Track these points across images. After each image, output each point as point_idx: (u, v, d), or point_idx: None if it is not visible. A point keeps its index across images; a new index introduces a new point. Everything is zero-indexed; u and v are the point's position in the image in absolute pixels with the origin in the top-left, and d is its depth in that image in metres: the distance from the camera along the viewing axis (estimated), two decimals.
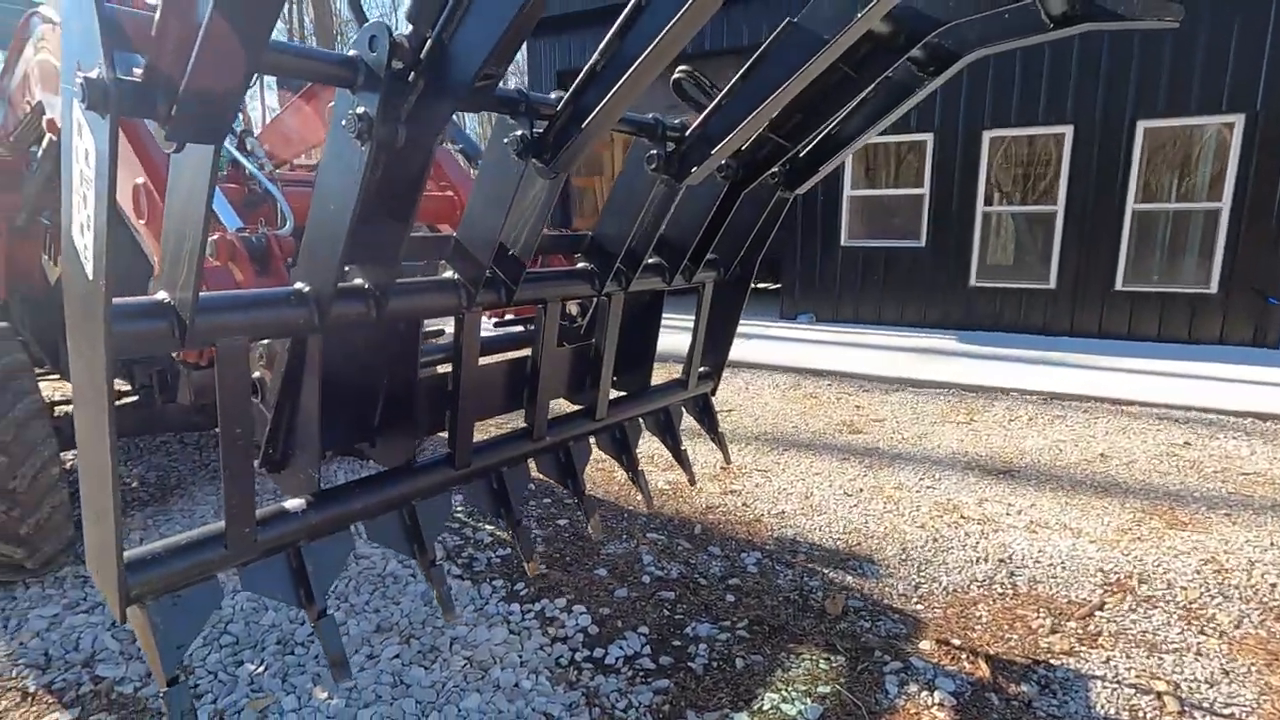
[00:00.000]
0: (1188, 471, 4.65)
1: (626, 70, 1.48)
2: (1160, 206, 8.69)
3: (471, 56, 1.22)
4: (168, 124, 1.00)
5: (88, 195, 1.07)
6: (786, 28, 1.80)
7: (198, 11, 0.91)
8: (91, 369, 1.18)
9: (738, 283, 2.98)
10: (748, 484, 4.47)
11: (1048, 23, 2.02)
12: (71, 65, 1.01)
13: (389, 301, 1.59)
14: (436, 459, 1.99)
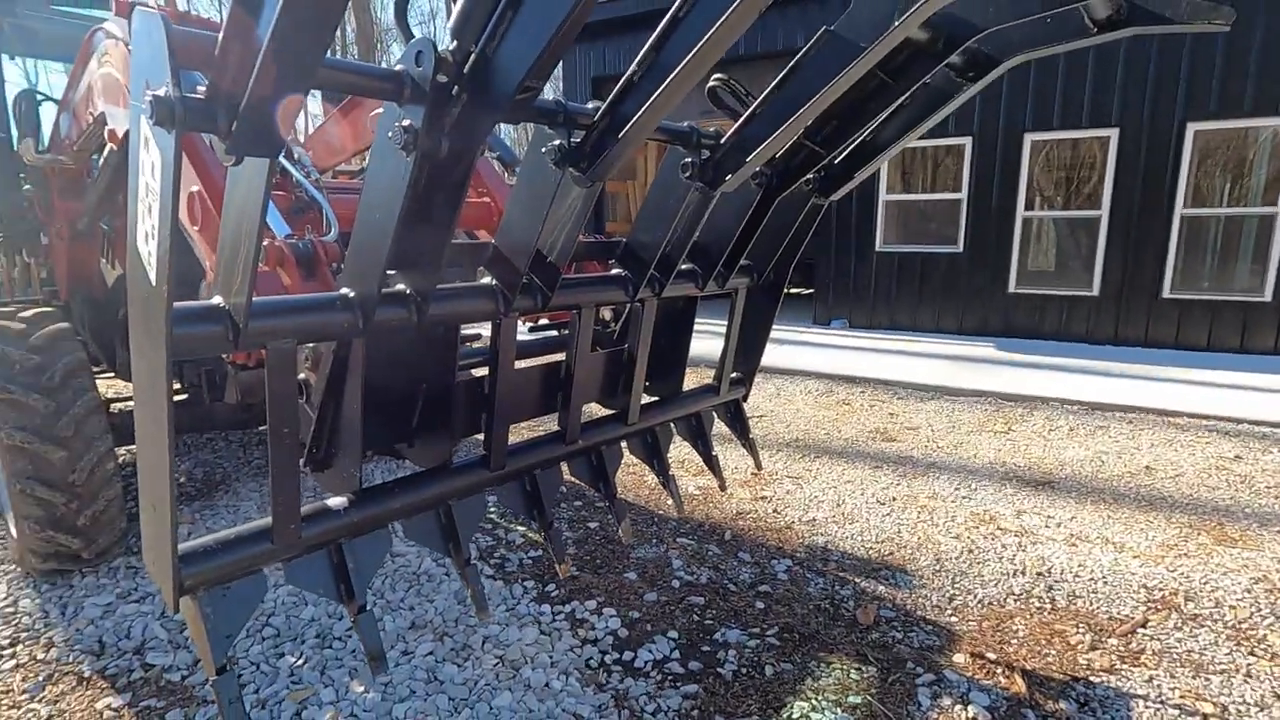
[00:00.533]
0: (1238, 486, 4.48)
1: (663, 81, 1.50)
2: (1211, 211, 8.40)
3: (513, 70, 1.25)
4: (228, 138, 1.05)
5: (152, 206, 1.13)
6: (823, 36, 1.81)
7: (258, 34, 0.95)
8: (152, 368, 1.24)
9: (771, 289, 2.98)
10: (779, 490, 4.45)
11: (1091, 27, 1.99)
12: (140, 83, 1.07)
13: (429, 306, 1.63)
14: (472, 460, 2.03)
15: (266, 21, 0.93)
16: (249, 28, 0.97)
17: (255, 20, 0.96)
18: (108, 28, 2.67)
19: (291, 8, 0.88)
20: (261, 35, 0.94)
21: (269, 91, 0.97)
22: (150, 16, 1.02)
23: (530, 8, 1.19)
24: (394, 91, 1.29)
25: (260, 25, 0.95)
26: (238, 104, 1.02)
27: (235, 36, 0.98)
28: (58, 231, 3.71)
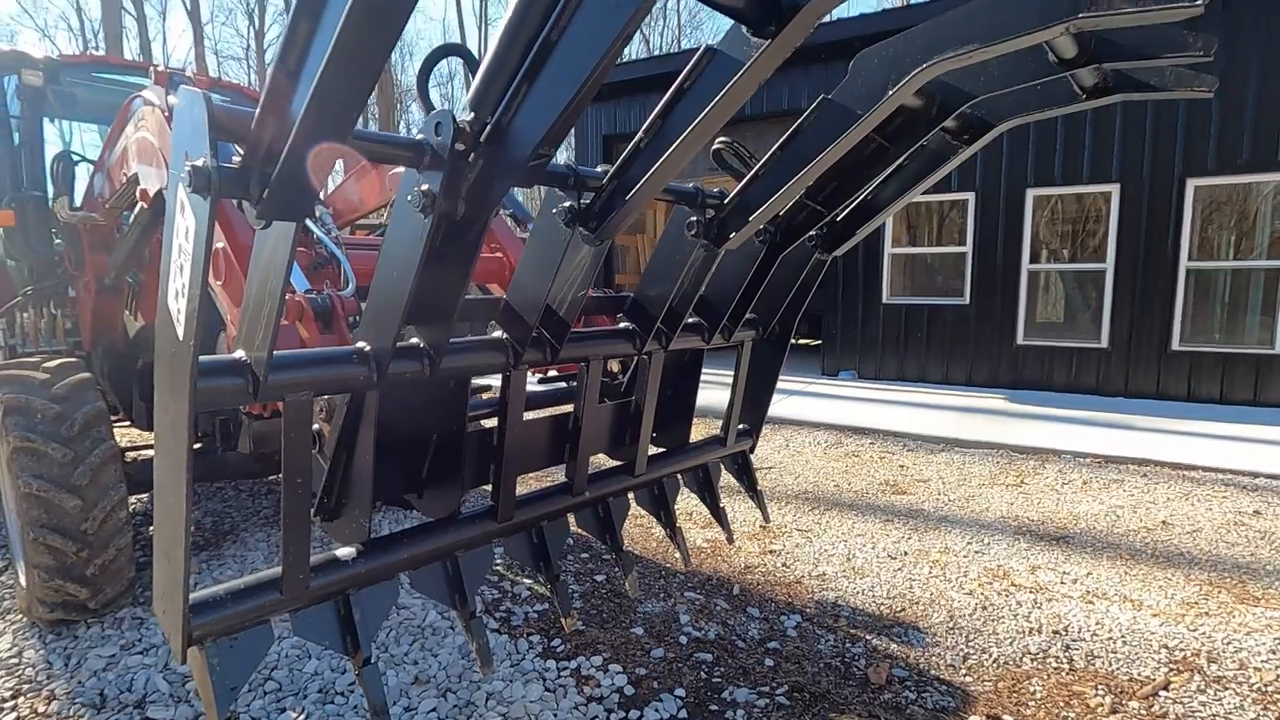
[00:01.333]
0: (1258, 543, 4.39)
1: (668, 148, 1.58)
2: (1217, 265, 8.45)
3: (527, 139, 1.33)
4: (258, 204, 1.12)
5: (184, 266, 1.20)
6: (821, 103, 1.90)
7: (291, 110, 1.03)
8: (174, 420, 1.29)
9: (776, 341, 3.02)
10: (788, 544, 4.40)
11: (1080, 94, 2.07)
12: (181, 153, 1.15)
13: (442, 360, 1.69)
14: (479, 511, 2.05)
15: (300, 100, 1.01)
16: (283, 105, 1.05)
17: (289, 98, 1.04)
18: (145, 95, 2.83)
19: (323, 91, 0.95)
20: (295, 112, 1.02)
21: (300, 162, 1.04)
22: (193, 94, 1.10)
23: (544, 84, 1.27)
24: (414, 159, 1.37)
25: (294, 103, 1.03)
26: (270, 173, 1.10)
27: (270, 111, 1.06)
28: (85, 284, 3.83)
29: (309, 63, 0.99)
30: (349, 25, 0.88)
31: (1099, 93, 2.05)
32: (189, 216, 1.16)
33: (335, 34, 0.89)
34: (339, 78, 0.94)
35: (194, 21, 31.49)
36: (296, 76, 1.02)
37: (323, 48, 0.95)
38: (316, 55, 0.97)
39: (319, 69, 0.94)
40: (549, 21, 1.21)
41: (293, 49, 1.00)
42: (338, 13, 0.91)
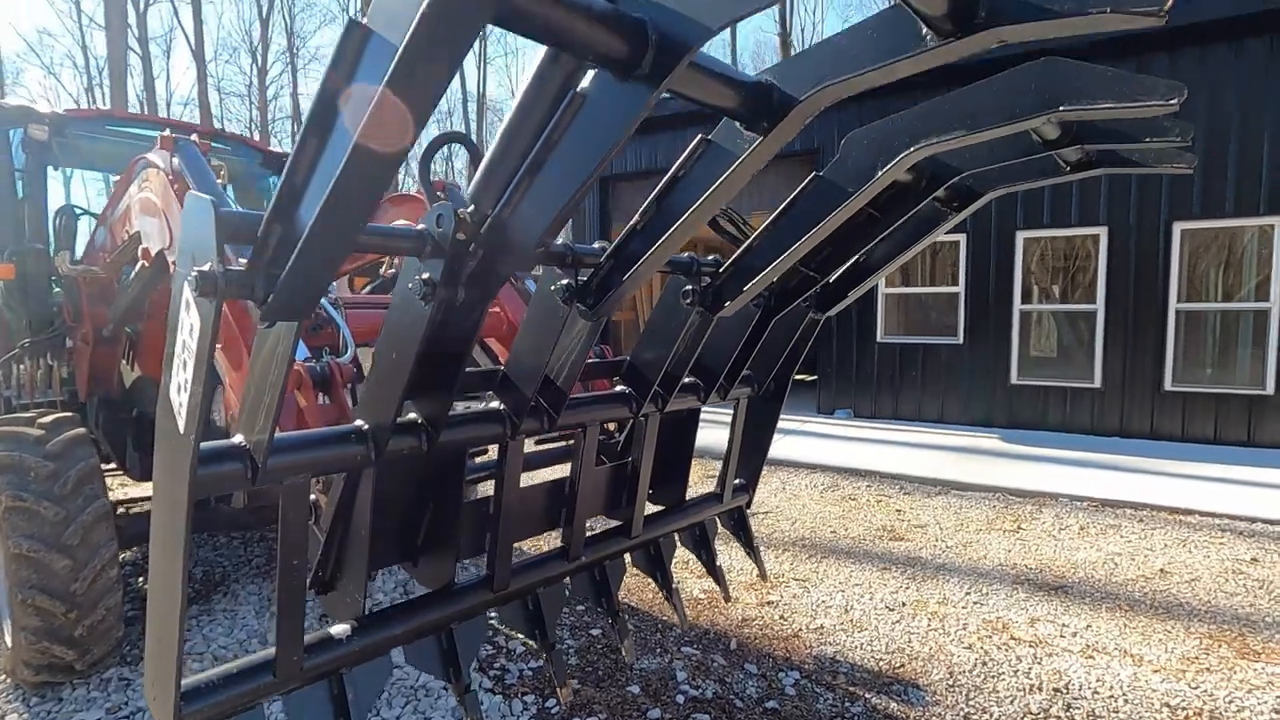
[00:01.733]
0: (1257, 592, 4.37)
1: (663, 231, 1.62)
2: (1206, 306, 8.56)
3: (527, 231, 1.36)
4: (263, 305, 1.14)
5: (188, 362, 1.21)
6: (813, 180, 1.95)
7: (299, 219, 1.06)
8: (172, 508, 1.29)
9: (772, 398, 3.05)
10: (785, 594, 4.36)
11: (1065, 167, 2.13)
12: (188, 256, 1.17)
13: (440, 435, 1.70)
14: (475, 581, 2.04)
15: (308, 210, 1.04)
16: (290, 213, 1.08)
17: (297, 207, 1.07)
18: (150, 157, 2.88)
19: (331, 206, 0.98)
20: (303, 220, 1.05)
21: (307, 269, 1.07)
22: (201, 201, 1.13)
23: (543, 181, 1.31)
24: (416, 248, 1.40)
25: (301, 211, 1.06)
26: (276, 275, 1.12)
27: (277, 219, 1.09)
28: (83, 335, 3.85)
29: (316, 177, 1.03)
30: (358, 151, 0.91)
31: (1083, 167, 2.10)
32: (194, 316, 1.18)
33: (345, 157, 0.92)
34: (347, 195, 0.97)
35: (198, 60, 32.07)
36: (304, 188, 1.05)
37: (331, 165, 0.98)
38: (325, 171, 1.00)
39: (328, 186, 0.97)
40: (549, 124, 1.26)
41: (301, 163, 1.03)
42: (346, 135, 0.94)
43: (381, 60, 0.87)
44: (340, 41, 0.91)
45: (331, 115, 0.96)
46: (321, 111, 0.96)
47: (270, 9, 36.83)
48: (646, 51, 1.08)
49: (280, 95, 39.21)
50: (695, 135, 1.62)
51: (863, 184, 1.86)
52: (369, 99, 0.88)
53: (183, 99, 37.99)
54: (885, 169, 1.81)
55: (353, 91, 0.92)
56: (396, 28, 0.84)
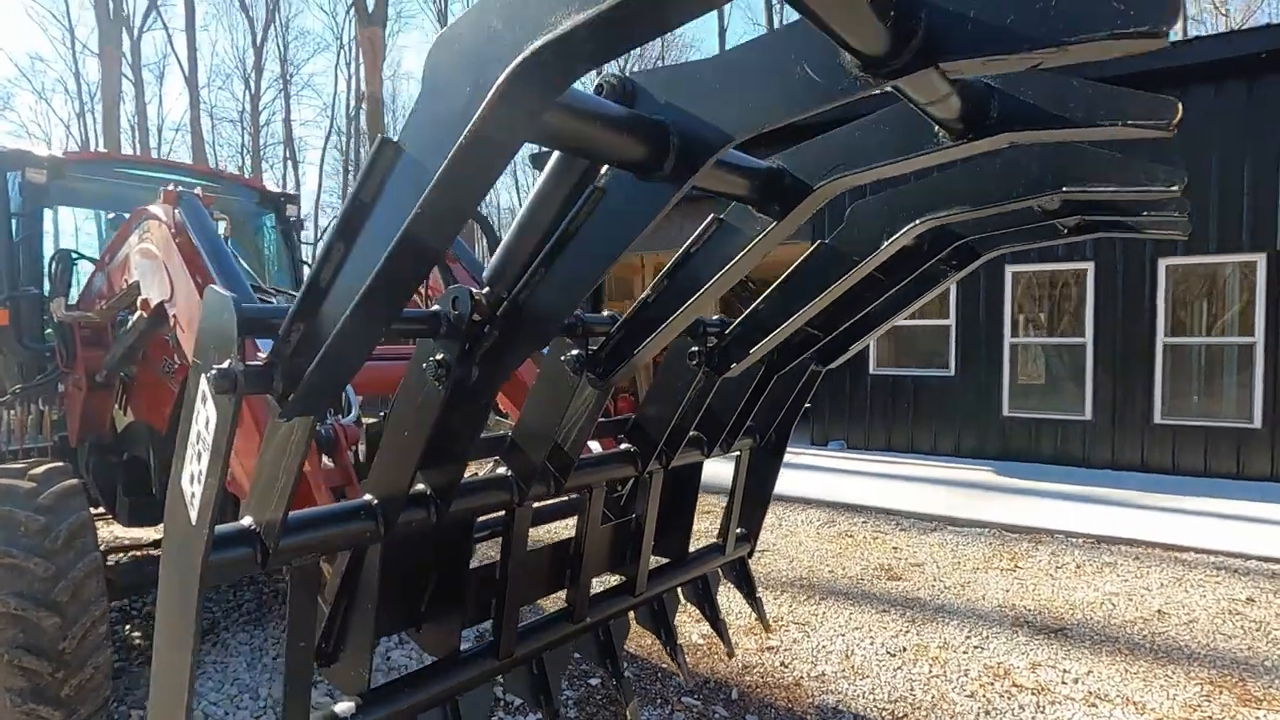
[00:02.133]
0: (1254, 635, 4.37)
1: (674, 304, 1.63)
2: (1192, 340, 8.69)
3: (544, 316, 1.37)
4: (283, 401, 1.13)
5: (202, 454, 1.20)
6: (820, 247, 1.98)
7: (324, 319, 1.06)
8: (182, 598, 1.27)
9: (773, 449, 3.06)
10: (785, 639, 4.32)
11: (1063, 230, 2.17)
12: (207, 350, 1.17)
13: (450, 506, 1.69)
14: (480, 648, 2.01)
15: (334, 311, 1.04)
16: (314, 312, 1.08)
17: (320, 307, 1.07)
18: (153, 209, 2.88)
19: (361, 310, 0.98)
20: (328, 321, 1.05)
21: (332, 368, 1.07)
22: (222, 298, 1.13)
23: (561, 267, 1.32)
24: (430, 329, 1.40)
25: (325, 312, 1.06)
26: (298, 370, 1.12)
27: (302, 317, 1.09)
28: (76, 381, 3.80)
29: (343, 279, 1.03)
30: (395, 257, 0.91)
31: (1079, 231, 2.15)
32: (210, 409, 1.17)
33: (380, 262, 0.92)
34: (378, 297, 0.97)
35: (191, 86, 32.24)
36: (329, 289, 1.05)
37: (362, 268, 0.98)
38: (353, 274, 1.00)
39: (359, 288, 0.97)
40: (569, 214, 1.27)
41: (328, 265, 1.03)
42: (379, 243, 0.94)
43: (417, 176, 0.87)
44: (373, 157, 0.92)
45: (360, 224, 0.97)
46: (351, 219, 0.97)
47: (264, 36, 37.20)
48: (668, 155, 1.10)
49: (273, 121, 39.45)
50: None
51: (869, 253, 1.89)
52: (404, 211, 0.89)
53: (175, 124, 38.13)
54: (891, 239, 1.84)
55: (385, 204, 0.93)
56: (433, 152, 0.84)
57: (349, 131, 38.74)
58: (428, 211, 0.88)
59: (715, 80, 1.06)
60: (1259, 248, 8.10)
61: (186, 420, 1.25)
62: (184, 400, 1.24)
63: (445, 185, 0.86)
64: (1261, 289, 8.15)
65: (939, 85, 1.04)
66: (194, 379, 1.21)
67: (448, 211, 0.90)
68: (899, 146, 1.28)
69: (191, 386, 1.22)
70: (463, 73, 0.80)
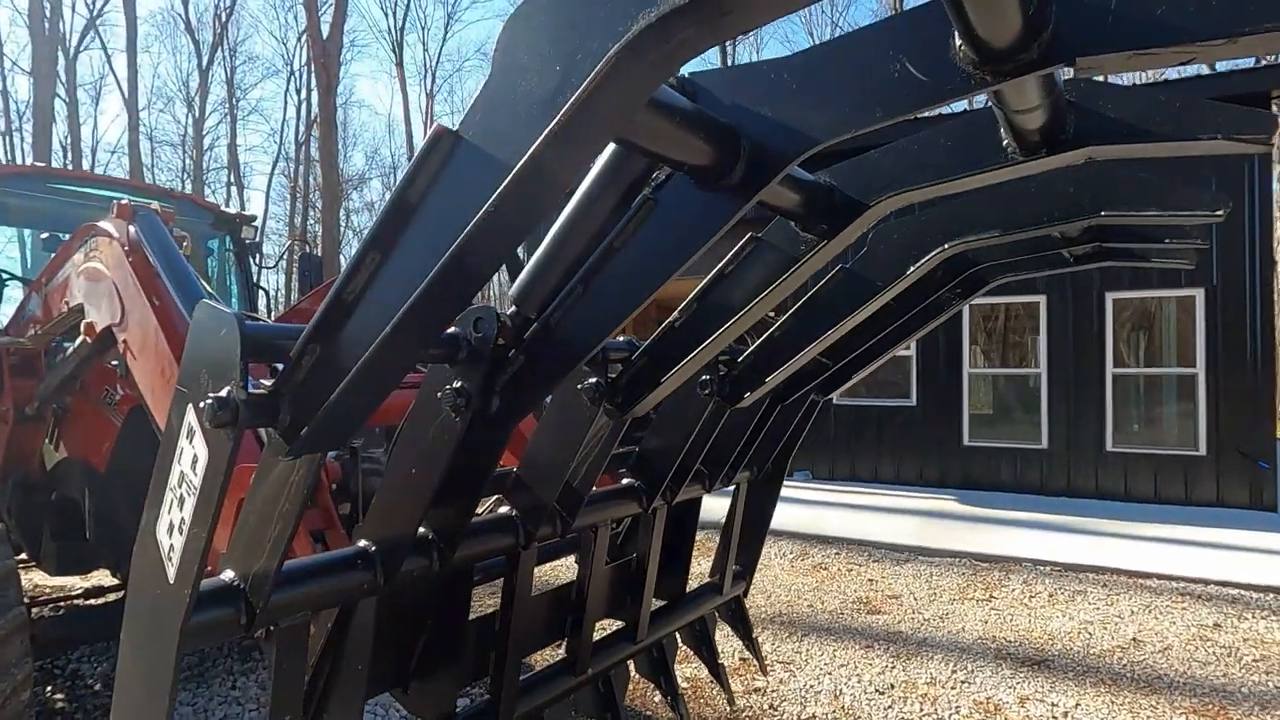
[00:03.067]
0: (1226, 661, 4.43)
1: (703, 328, 1.52)
2: (1139, 371, 9.04)
3: (577, 340, 1.23)
4: (289, 435, 0.97)
5: (186, 499, 1.02)
6: (841, 272, 1.90)
7: (346, 344, 0.91)
8: (152, 671, 1.07)
9: (770, 481, 2.96)
10: (771, 679, 4.16)
11: (1070, 259, 2.16)
12: (197, 373, 1.00)
13: (454, 552, 1.51)
14: (478, 708, 1.81)
15: (362, 330, 0.89)
16: (334, 336, 0.92)
17: (342, 330, 0.92)
18: (104, 225, 2.64)
19: (405, 325, 0.83)
20: (353, 346, 0.90)
21: (354, 400, 0.91)
22: (220, 314, 0.97)
23: (600, 288, 1.19)
24: (449, 355, 1.25)
25: (349, 336, 0.91)
26: (307, 405, 0.96)
27: (316, 339, 0.93)
28: (2, 414, 3.45)
29: (378, 293, 0.88)
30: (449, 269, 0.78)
31: (1089, 260, 2.14)
32: (199, 446, 1.00)
33: (433, 273, 0.79)
34: (425, 312, 0.83)
35: (130, 108, 31.11)
36: (357, 305, 0.90)
37: (401, 280, 0.84)
38: (391, 287, 0.86)
39: (399, 302, 0.83)
40: (616, 227, 1.15)
41: (357, 278, 0.88)
42: (427, 252, 0.80)
43: (482, 173, 0.74)
44: (425, 150, 0.79)
45: (402, 229, 0.83)
46: (392, 223, 0.83)
47: (211, 60, 36.30)
48: (738, 162, 1.00)
49: (217, 145, 38.32)
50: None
51: (892, 279, 1.83)
52: (462, 214, 0.75)
53: (110, 146, 36.57)
54: (917, 265, 1.78)
55: (437, 205, 0.80)
56: (505, 143, 0.72)
57: (298, 158, 37.94)
58: (494, 215, 0.75)
59: (793, 81, 0.97)
60: (1198, 284, 8.53)
61: (165, 459, 1.07)
62: (164, 434, 1.06)
63: (520, 184, 0.73)
64: (1201, 322, 8.56)
65: (1034, 94, 0.97)
66: (178, 410, 1.04)
67: (517, 216, 0.77)
68: (962, 162, 1.21)
69: (174, 419, 1.04)
70: (552, 48, 0.68)
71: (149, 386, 2.26)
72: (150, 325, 2.26)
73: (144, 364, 2.29)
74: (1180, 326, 8.89)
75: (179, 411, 1.03)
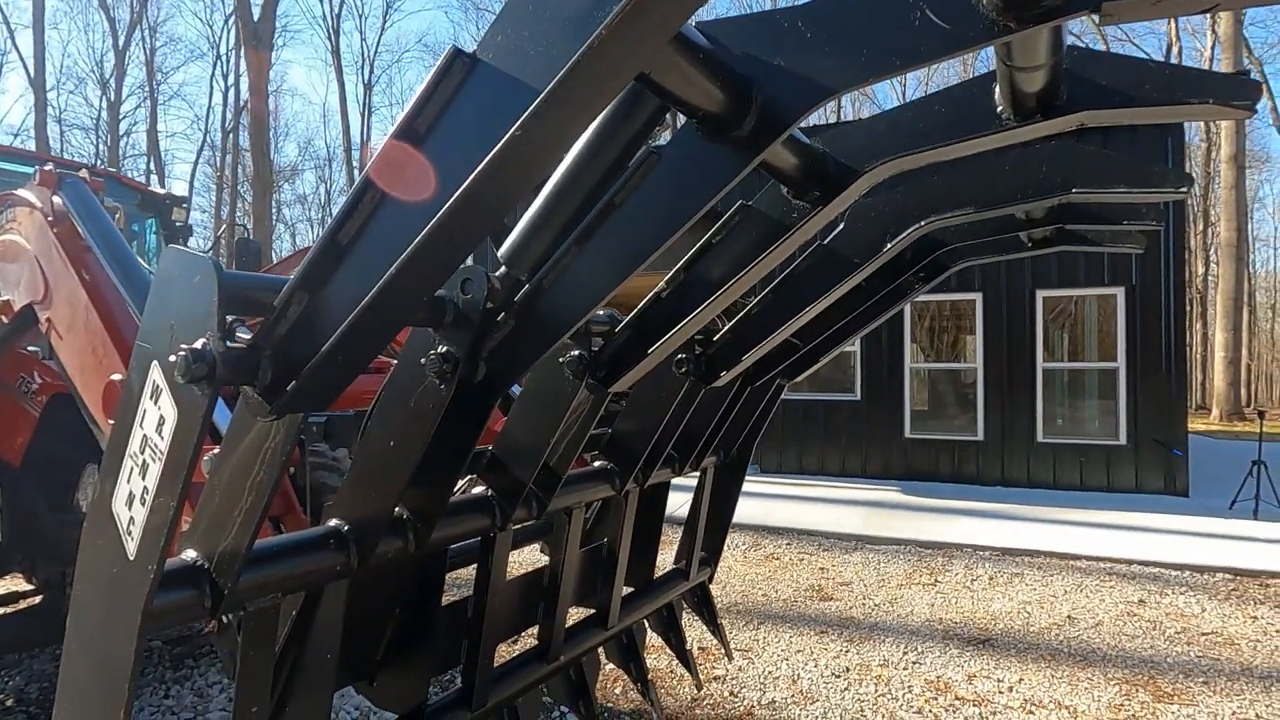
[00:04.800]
0: (1152, 634, 4.71)
1: (693, 304, 1.50)
2: (1066, 365, 9.54)
3: (571, 303, 1.19)
4: (272, 396, 0.89)
5: (149, 466, 0.93)
6: (818, 250, 1.91)
7: (339, 292, 0.84)
8: (109, 659, 0.97)
9: (736, 466, 2.96)
10: (731, 667, 4.18)
11: (1027, 244, 2.23)
12: (164, 327, 0.91)
13: (430, 533, 1.44)
14: (450, 699, 1.74)
15: (359, 277, 0.82)
16: (324, 282, 0.85)
17: (334, 274, 0.85)
18: (24, 194, 2.43)
19: (404, 276, 0.77)
20: (348, 288, 0.83)
21: (348, 354, 0.84)
22: (196, 260, 0.88)
23: (598, 247, 1.15)
24: (434, 318, 1.18)
25: (343, 283, 0.84)
26: (291, 361, 0.88)
27: (304, 287, 0.86)
28: None
29: (375, 234, 0.81)
30: (460, 206, 0.72)
31: (1043, 245, 2.22)
32: (166, 406, 0.91)
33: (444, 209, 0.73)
34: (433, 253, 0.77)
35: (37, 89, 29.02)
36: (352, 248, 0.83)
37: (406, 220, 0.78)
38: (393, 227, 0.79)
39: (402, 244, 0.77)
40: (615, 183, 1.11)
41: (354, 219, 0.81)
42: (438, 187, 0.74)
43: (502, 99, 0.69)
44: (436, 76, 0.73)
45: (405, 166, 0.77)
46: (395, 160, 0.76)
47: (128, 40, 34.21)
48: (749, 112, 0.97)
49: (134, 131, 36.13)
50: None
51: (869, 257, 1.84)
52: (478, 146, 0.70)
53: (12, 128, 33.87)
54: (895, 241, 1.80)
55: (447, 137, 0.74)
56: (532, 67, 0.67)
57: (224, 146, 36.18)
58: (515, 146, 0.70)
59: (808, 29, 0.95)
60: (1119, 283, 9.06)
61: (123, 424, 0.97)
62: (123, 398, 0.97)
63: (545, 112, 0.68)
64: (1122, 318, 9.08)
65: (1043, 50, 0.98)
66: (139, 369, 0.94)
67: (540, 148, 0.72)
68: (956, 128, 1.22)
69: (134, 380, 0.95)
70: None
71: (78, 368, 2.09)
72: (80, 301, 2.09)
73: (73, 343, 2.11)
74: (1103, 324, 9.42)
75: (140, 370, 0.94)
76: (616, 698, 3.80)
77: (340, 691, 3.84)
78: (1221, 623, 4.90)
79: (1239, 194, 22.57)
